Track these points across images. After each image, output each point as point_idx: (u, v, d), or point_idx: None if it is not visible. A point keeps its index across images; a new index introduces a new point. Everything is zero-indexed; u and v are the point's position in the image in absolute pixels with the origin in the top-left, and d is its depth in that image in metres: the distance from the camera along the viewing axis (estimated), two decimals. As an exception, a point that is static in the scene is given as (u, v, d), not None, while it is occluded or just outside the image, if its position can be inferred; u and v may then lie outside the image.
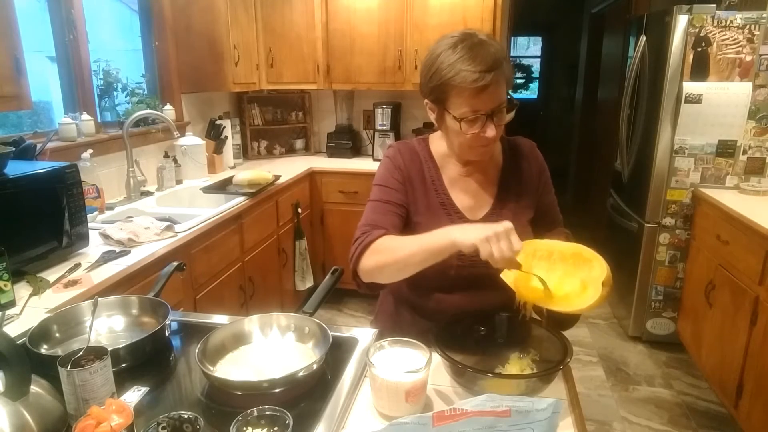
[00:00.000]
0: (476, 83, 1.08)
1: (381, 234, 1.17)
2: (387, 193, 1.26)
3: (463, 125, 1.14)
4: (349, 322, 3.46)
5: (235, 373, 1.01)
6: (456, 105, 1.13)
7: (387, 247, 1.14)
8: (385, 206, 1.25)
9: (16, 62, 1.64)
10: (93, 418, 0.78)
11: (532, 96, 7.92)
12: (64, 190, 1.70)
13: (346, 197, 3.48)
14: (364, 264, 1.17)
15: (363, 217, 1.25)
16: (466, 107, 1.12)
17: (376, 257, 1.15)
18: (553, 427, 0.77)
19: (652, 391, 2.75)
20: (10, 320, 1.33)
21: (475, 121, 1.13)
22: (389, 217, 1.23)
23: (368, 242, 1.16)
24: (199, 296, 2.17)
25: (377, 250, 1.15)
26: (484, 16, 3.29)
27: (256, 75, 3.42)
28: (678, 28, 2.77)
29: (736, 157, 2.86)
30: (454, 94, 1.12)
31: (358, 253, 1.17)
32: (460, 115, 1.13)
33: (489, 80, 1.08)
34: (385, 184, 1.27)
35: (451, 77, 1.10)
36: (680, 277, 3.05)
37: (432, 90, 1.17)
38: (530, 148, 1.37)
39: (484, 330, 1.17)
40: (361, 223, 1.24)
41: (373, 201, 1.27)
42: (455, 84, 1.10)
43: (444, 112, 1.17)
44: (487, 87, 1.09)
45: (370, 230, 1.19)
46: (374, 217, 1.23)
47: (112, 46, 2.93)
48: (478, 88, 1.09)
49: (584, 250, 1.09)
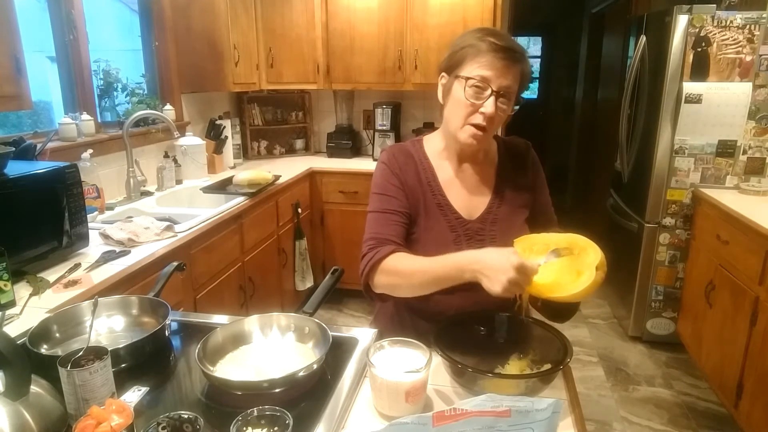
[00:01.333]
0: (497, 53, 1.13)
1: (391, 251, 1.17)
2: (387, 202, 1.25)
3: (467, 89, 1.15)
4: (349, 322, 3.46)
5: (235, 373, 1.01)
6: (470, 68, 1.16)
7: (400, 269, 1.16)
8: (387, 216, 1.24)
9: (16, 62, 1.64)
10: (93, 418, 0.78)
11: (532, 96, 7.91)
12: (64, 190, 1.70)
13: (346, 197, 3.48)
14: (376, 283, 1.19)
15: (367, 229, 1.25)
16: (480, 71, 1.14)
17: (389, 279, 1.17)
18: (553, 427, 0.77)
19: (652, 391, 2.75)
20: (10, 320, 1.33)
21: (481, 92, 1.15)
22: (393, 227, 1.23)
23: (378, 259, 1.17)
24: (199, 296, 2.17)
25: (389, 271, 1.17)
26: (484, 16, 3.29)
27: (256, 75, 3.43)
28: (678, 28, 2.77)
29: (736, 157, 2.86)
30: (471, 57, 1.15)
31: (368, 271, 1.18)
32: (471, 76, 1.15)
33: (510, 58, 1.13)
34: (384, 192, 1.27)
35: (475, 41, 1.15)
36: (680, 277, 3.05)
37: (450, 56, 1.20)
38: (525, 148, 1.37)
39: (484, 330, 1.17)
40: (366, 236, 1.24)
41: (374, 212, 1.27)
42: (478, 48, 1.14)
43: (454, 81, 1.19)
44: (505, 62, 1.13)
45: (377, 246, 1.19)
46: (379, 230, 1.23)
47: (112, 46, 2.93)
48: (496, 57, 1.13)
49: (579, 239, 1.10)
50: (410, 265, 1.16)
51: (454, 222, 1.25)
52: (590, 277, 1.01)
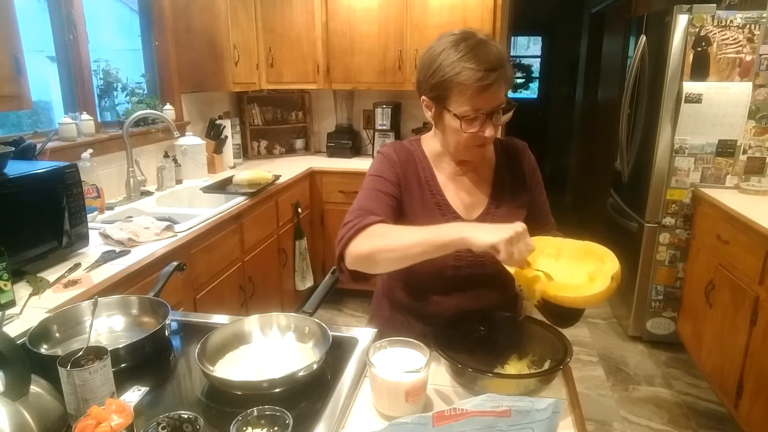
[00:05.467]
0: (480, 82, 1.08)
1: (377, 220, 1.12)
2: (382, 184, 1.23)
3: (463, 124, 1.13)
4: (349, 322, 3.46)
5: (235, 373, 1.01)
6: (457, 103, 1.13)
7: (385, 232, 1.10)
8: (379, 194, 1.21)
9: (16, 62, 1.64)
10: (93, 418, 0.78)
11: (532, 96, 7.91)
12: (64, 190, 1.70)
13: (346, 197, 3.48)
14: (354, 247, 1.10)
15: (355, 202, 1.21)
16: (468, 105, 1.11)
17: (372, 241, 1.08)
18: (553, 427, 0.77)
19: (652, 390, 2.75)
20: (10, 320, 1.33)
21: (475, 120, 1.13)
22: (383, 206, 1.19)
23: (363, 225, 1.10)
24: (199, 296, 2.17)
25: (373, 234, 1.09)
26: (484, 16, 3.29)
27: (256, 75, 3.42)
28: (678, 27, 2.77)
29: (736, 157, 2.86)
30: (456, 92, 1.11)
31: (349, 236, 1.10)
32: (462, 113, 1.12)
33: (492, 79, 1.09)
34: (380, 175, 1.24)
35: (454, 75, 1.10)
36: (680, 277, 3.05)
37: (433, 87, 1.15)
38: (522, 149, 1.37)
39: (484, 330, 1.17)
40: (352, 208, 1.18)
41: (366, 188, 1.23)
42: (459, 81, 1.09)
43: (443, 110, 1.17)
44: (490, 86, 1.09)
45: (364, 215, 1.14)
46: (367, 204, 1.18)
47: (112, 46, 2.93)
48: (481, 86, 1.09)
49: (597, 248, 1.09)
50: (399, 228, 1.11)
51: (453, 221, 1.25)
52: (603, 284, 0.99)
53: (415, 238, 1.04)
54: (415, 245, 1.04)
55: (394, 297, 1.34)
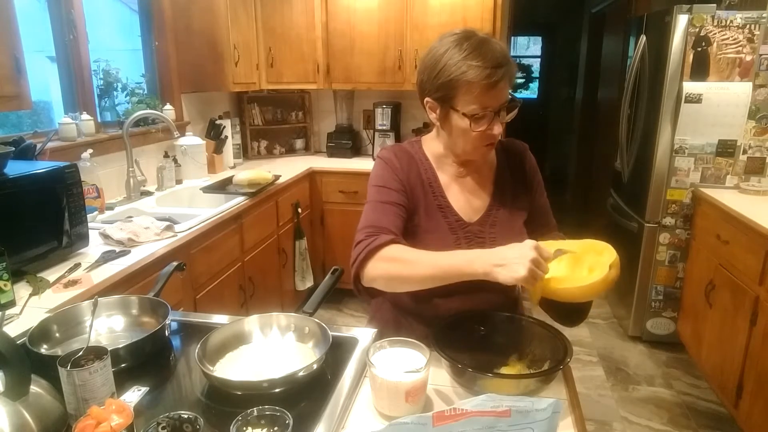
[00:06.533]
0: (488, 79, 1.08)
1: (389, 240, 1.11)
2: (387, 194, 1.22)
3: (471, 123, 1.13)
4: (349, 322, 3.46)
5: (235, 373, 1.01)
6: (465, 102, 1.12)
7: (399, 258, 1.09)
8: (387, 207, 1.20)
9: (16, 62, 1.64)
10: (93, 418, 0.78)
11: (532, 96, 7.91)
12: (64, 190, 1.70)
13: (346, 197, 3.48)
14: (370, 271, 1.10)
15: (363, 218, 1.20)
16: (476, 104, 1.11)
17: (386, 266, 1.09)
18: (553, 427, 0.77)
19: (652, 391, 2.75)
20: (10, 320, 1.33)
21: (483, 118, 1.13)
22: (392, 218, 1.18)
23: (376, 246, 1.10)
24: (199, 296, 2.17)
25: (387, 259, 1.10)
26: (484, 16, 3.30)
27: (256, 75, 3.43)
28: (678, 27, 2.77)
29: (736, 157, 2.86)
30: (463, 91, 1.11)
31: (363, 257, 1.11)
32: (470, 112, 1.12)
33: (499, 76, 1.09)
34: (384, 185, 1.23)
35: (461, 74, 1.09)
36: (680, 277, 3.05)
37: (438, 88, 1.15)
38: (523, 150, 1.37)
39: (484, 330, 1.17)
40: (361, 224, 1.18)
41: (373, 202, 1.22)
42: (466, 80, 1.09)
43: (449, 111, 1.16)
44: (497, 83, 1.10)
45: (375, 233, 1.13)
46: (376, 218, 1.17)
47: (112, 46, 2.93)
48: (488, 84, 1.09)
49: (596, 243, 1.10)
50: (415, 254, 1.10)
51: (455, 224, 1.25)
52: (602, 273, 1.01)
53: (430, 269, 1.06)
54: (431, 277, 1.07)
55: (397, 300, 1.33)
